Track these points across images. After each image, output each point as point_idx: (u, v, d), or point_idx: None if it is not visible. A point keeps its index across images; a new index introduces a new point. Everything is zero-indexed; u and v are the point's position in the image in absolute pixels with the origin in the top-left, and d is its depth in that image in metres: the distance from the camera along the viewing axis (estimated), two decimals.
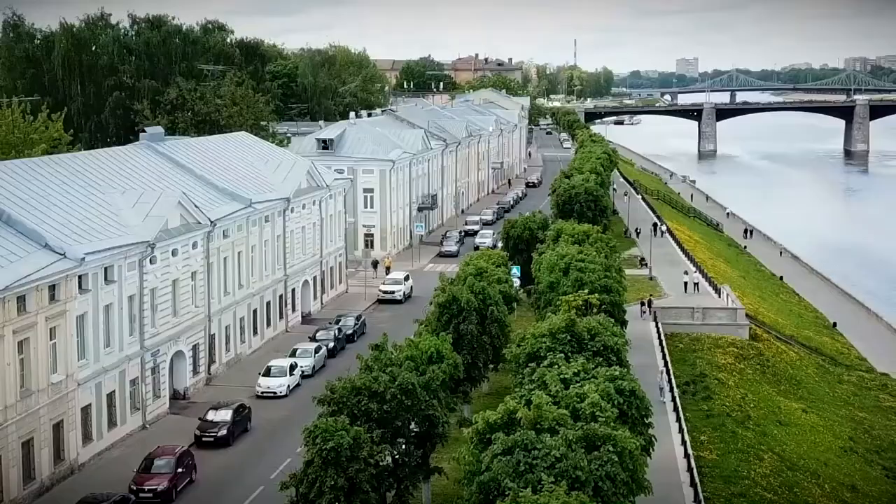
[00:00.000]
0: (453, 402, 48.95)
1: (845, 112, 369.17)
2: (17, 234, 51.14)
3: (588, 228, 79.74)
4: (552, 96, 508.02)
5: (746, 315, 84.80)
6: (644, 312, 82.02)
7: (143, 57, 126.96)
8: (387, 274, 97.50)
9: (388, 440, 40.86)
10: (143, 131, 76.09)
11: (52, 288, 50.59)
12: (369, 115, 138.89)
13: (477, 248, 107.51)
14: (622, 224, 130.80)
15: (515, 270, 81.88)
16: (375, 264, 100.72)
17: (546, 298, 64.41)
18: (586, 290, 59.26)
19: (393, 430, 41.78)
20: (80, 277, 52.97)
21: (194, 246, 65.52)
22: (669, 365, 69.61)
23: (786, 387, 77.16)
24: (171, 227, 62.24)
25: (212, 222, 66.85)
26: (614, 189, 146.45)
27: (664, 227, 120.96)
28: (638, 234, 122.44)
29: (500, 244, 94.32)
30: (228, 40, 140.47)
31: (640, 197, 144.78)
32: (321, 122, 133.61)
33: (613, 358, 47.88)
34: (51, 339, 50.69)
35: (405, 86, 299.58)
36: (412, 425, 42.87)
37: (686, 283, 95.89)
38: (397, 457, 41.29)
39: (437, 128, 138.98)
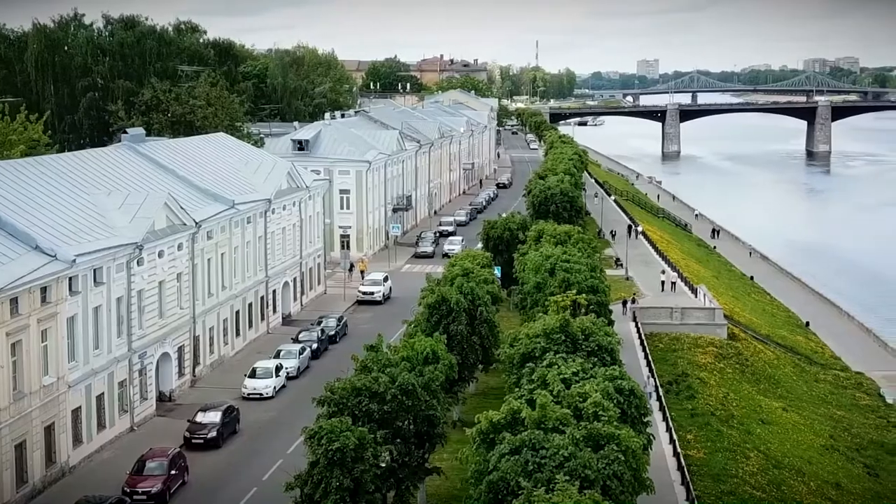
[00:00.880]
0: (448, 403, 49.20)
1: (807, 113, 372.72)
2: (7, 235, 50.85)
3: (569, 229, 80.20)
4: (515, 97, 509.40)
5: (724, 315, 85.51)
6: (625, 312, 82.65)
7: (117, 57, 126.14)
8: (362, 277, 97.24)
9: (388, 441, 40.96)
10: (120, 132, 75.73)
11: (44, 290, 50.35)
12: (342, 115, 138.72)
13: (446, 255, 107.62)
14: (595, 225, 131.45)
15: (496, 271, 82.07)
16: (351, 267, 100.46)
17: (533, 299, 64.69)
18: (574, 291, 59.72)
19: (393, 431, 41.88)
20: (70, 279, 52.72)
21: (179, 247, 65.35)
22: (653, 365, 70.17)
23: (765, 386, 77.97)
24: (157, 229, 62.05)
25: (197, 223, 66.70)
26: (584, 190, 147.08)
27: (639, 229, 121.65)
28: (613, 236, 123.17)
29: (479, 245, 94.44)
30: (202, 41, 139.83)
31: (611, 198, 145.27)
32: (295, 123, 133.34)
33: (608, 358, 48.28)
34: (42, 341, 50.46)
35: (371, 86, 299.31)
36: (412, 426, 43.00)
37: (663, 283, 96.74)
38: (397, 457, 41.37)
39: (410, 129, 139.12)
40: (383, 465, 39.63)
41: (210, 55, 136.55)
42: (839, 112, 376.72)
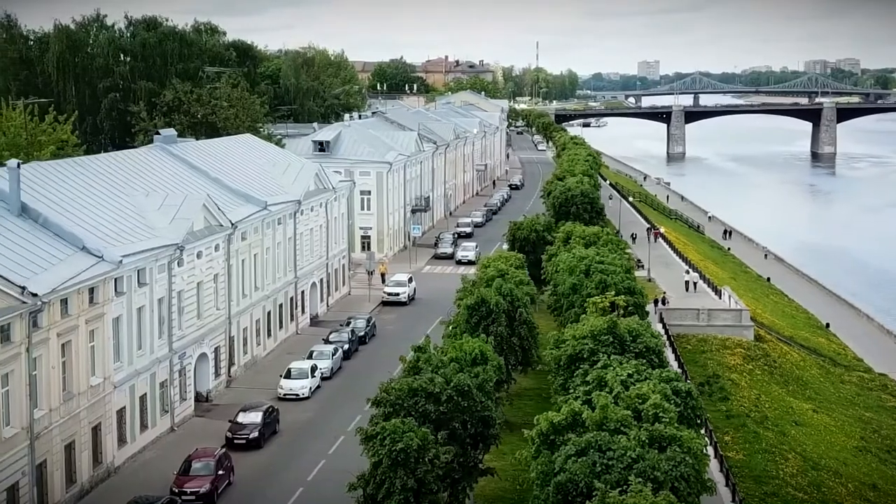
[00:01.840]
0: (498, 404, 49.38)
1: (813, 115, 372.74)
2: (54, 236, 51.05)
3: (598, 230, 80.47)
4: (518, 98, 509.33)
5: (750, 317, 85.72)
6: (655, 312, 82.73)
7: (139, 58, 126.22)
8: (382, 281, 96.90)
9: (445, 441, 41.15)
10: (142, 133, 75.41)
11: (92, 290, 50.54)
12: (360, 116, 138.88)
13: (459, 263, 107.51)
14: (612, 226, 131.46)
15: None
16: (371, 272, 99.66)
17: (569, 300, 64.85)
18: (612, 292, 59.89)
19: (449, 431, 42.07)
20: (115, 280, 52.92)
21: (216, 248, 65.59)
22: (685, 366, 70.40)
23: (794, 387, 78.15)
24: (196, 230, 62.25)
25: (233, 224, 66.91)
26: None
27: (661, 230, 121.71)
28: (634, 239, 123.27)
29: (504, 246, 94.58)
30: (221, 42, 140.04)
31: (624, 200, 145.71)
32: (315, 125, 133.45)
33: (655, 359, 48.50)
34: (90, 342, 50.67)
35: (378, 87, 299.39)
36: (467, 426, 43.18)
37: (686, 283, 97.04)
38: (453, 457, 41.54)
39: (426, 130, 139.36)
40: (443, 465, 39.78)
41: (231, 56, 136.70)
42: (844, 114, 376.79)
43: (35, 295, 44.64)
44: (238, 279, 69.37)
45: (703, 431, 43.27)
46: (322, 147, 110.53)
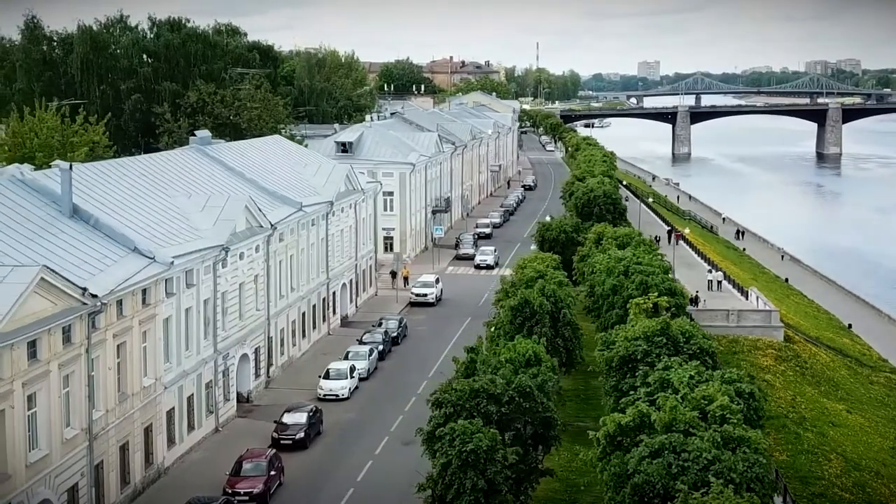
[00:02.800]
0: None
1: (818, 115, 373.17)
2: (106, 238, 51.17)
3: (630, 231, 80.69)
4: (521, 99, 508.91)
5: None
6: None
7: (162, 59, 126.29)
8: (405, 284, 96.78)
9: (511, 442, 41.36)
10: (166, 134, 74.61)
11: (144, 292, 50.71)
12: (380, 117, 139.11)
13: (478, 268, 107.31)
14: (632, 227, 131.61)
15: None
16: (394, 274, 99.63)
17: (609, 301, 65.02)
18: (655, 293, 60.10)
19: (513, 432, 42.27)
20: (165, 281, 53.07)
21: (257, 249, 65.77)
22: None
23: (825, 388, 78.30)
24: (238, 231, 62.42)
25: (272, 226, 67.08)
26: None
27: (686, 231, 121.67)
28: (657, 241, 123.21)
29: (533, 247, 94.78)
30: (243, 43, 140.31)
31: (640, 201, 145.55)
32: (336, 126, 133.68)
33: (709, 360, 48.73)
34: (142, 343, 50.83)
35: (385, 88, 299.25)
36: (529, 427, 43.38)
37: (710, 282, 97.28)
38: (516, 458, 41.70)
39: (444, 131, 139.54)
40: (511, 466, 39.98)
41: (254, 58, 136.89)
42: (849, 114, 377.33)
43: (95, 296, 44.81)
44: (276, 280, 69.56)
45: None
46: (345, 148, 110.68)
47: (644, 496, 34.81)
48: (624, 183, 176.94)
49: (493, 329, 60.56)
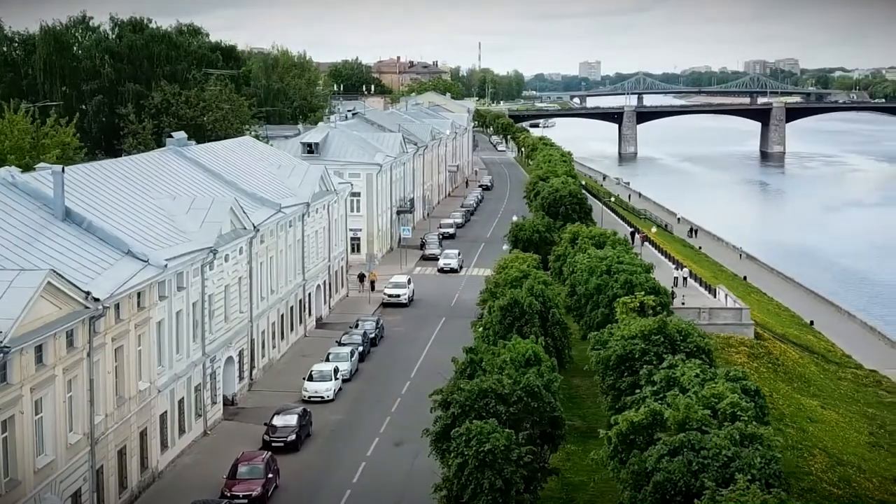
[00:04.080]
0: None
1: (762, 115, 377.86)
2: (99, 241, 50.76)
3: (604, 231, 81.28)
4: (466, 99, 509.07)
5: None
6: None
7: (125, 60, 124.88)
8: (372, 289, 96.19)
9: (525, 441, 41.61)
10: (131, 135, 73.87)
11: (139, 295, 50.37)
12: (346, 117, 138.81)
13: (442, 271, 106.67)
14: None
15: None
16: (361, 277, 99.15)
17: (594, 301, 65.50)
18: (642, 292, 60.71)
19: (525, 432, 42.51)
20: (157, 284, 52.72)
21: (241, 251, 65.51)
22: None
23: (798, 384, 79.43)
24: (224, 233, 62.12)
25: (255, 227, 66.83)
26: None
27: (654, 231, 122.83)
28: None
29: (505, 247, 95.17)
30: (206, 43, 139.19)
31: (598, 201, 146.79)
32: (299, 126, 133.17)
33: (706, 358, 49.31)
34: (138, 346, 50.49)
35: (335, 88, 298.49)
36: (537, 427, 43.67)
37: (675, 279, 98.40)
38: (531, 457, 41.99)
39: (405, 131, 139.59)
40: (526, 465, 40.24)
41: (218, 58, 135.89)
42: (793, 114, 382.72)
43: (97, 300, 44.46)
44: (258, 282, 69.32)
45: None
46: (311, 149, 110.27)
47: (665, 494, 35.17)
48: (582, 183, 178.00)
49: (480, 329, 60.76)
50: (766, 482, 35.13)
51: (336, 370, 67.73)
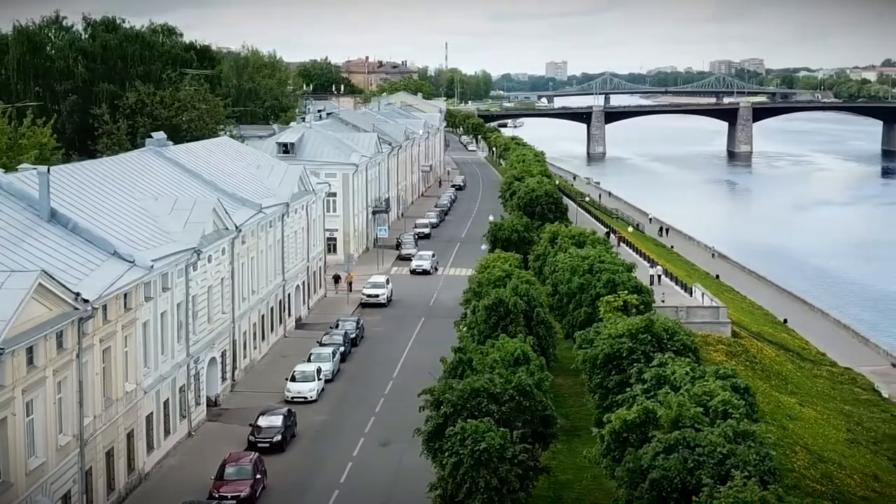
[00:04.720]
0: None
1: (729, 115, 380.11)
2: (85, 242, 50.52)
3: (583, 231, 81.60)
4: (436, 99, 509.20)
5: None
6: None
7: (99, 60, 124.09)
8: (349, 290, 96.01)
9: (519, 440, 41.78)
10: (105, 136, 73.48)
11: (125, 296, 50.17)
12: (321, 117, 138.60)
13: (414, 273, 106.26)
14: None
15: None
16: (337, 278, 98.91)
17: (577, 300, 65.74)
18: (625, 292, 61.03)
19: (522, 431, 42.69)
20: (143, 285, 52.52)
21: (223, 252, 65.36)
22: None
23: (776, 382, 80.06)
24: (206, 234, 61.93)
25: (237, 228, 66.69)
26: None
27: (630, 230, 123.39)
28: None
29: (483, 247, 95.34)
30: (180, 43, 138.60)
31: (572, 201, 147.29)
32: (274, 126, 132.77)
33: (692, 356, 49.64)
34: (125, 348, 50.30)
35: (304, 88, 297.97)
36: (528, 425, 43.84)
37: (651, 276, 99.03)
38: (526, 456, 42.11)
39: (380, 131, 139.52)
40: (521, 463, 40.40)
41: (192, 58, 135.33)
42: (759, 113, 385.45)
43: (87, 301, 44.27)
44: (240, 283, 69.17)
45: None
46: (287, 149, 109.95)
47: (662, 491, 35.41)
48: (556, 183, 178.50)
49: (464, 329, 60.90)
50: (761, 479, 35.40)
51: (319, 371, 67.70)
